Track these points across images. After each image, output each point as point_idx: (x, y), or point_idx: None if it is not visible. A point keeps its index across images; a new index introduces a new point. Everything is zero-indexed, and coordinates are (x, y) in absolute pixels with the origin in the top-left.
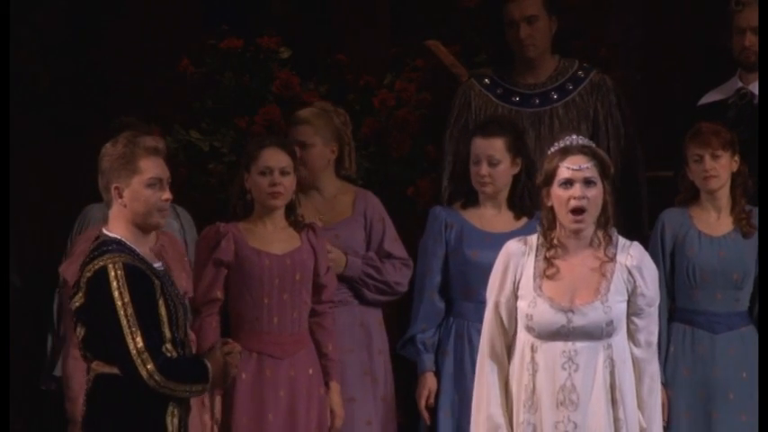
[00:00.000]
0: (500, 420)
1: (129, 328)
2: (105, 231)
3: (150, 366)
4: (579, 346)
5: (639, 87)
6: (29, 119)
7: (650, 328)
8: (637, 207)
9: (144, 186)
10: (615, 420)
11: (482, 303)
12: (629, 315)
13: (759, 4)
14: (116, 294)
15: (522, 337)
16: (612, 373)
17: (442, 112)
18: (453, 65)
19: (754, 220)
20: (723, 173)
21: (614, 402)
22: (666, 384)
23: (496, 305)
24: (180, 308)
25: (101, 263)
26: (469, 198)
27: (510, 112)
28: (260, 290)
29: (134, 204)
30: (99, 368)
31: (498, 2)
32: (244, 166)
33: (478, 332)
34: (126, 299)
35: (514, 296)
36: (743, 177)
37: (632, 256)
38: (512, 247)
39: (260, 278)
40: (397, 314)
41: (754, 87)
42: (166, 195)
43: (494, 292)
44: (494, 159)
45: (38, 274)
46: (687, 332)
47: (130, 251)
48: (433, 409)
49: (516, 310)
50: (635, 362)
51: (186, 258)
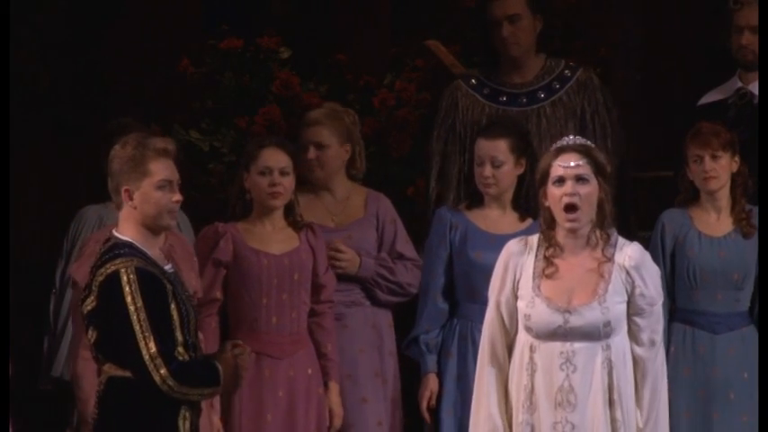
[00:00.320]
0: (498, 421)
1: (143, 333)
2: (116, 233)
3: (163, 371)
4: (577, 346)
5: (639, 87)
6: (29, 119)
7: (653, 327)
8: (624, 207)
9: (154, 188)
10: (613, 421)
11: (486, 304)
12: (630, 315)
13: (759, 3)
14: (129, 299)
15: (522, 338)
16: (611, 374)
17: None
18: (453, 65)
19: (754, 220)
20: (723, 173)
21: (612, 403)
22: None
23: (497, 305)
24: (191, 310)
25: (113, 267)
26: (474, 199)
27: (497, 111)
28: (258, 290)
29: (144, 207)
30: (111, 371)
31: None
32: (243, 166)
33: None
34: (139, 304)
35: (514, 296)
36: (743, 178)
37: (630, 256)
38: (512, 246)
39: (258, 278)
40: (404, 315)
41: (754, 87)
42: (177, 197)
43: (494, 291)
44: (497, 161)
45: (38, 274)
46: (687, 332)
47: (142, 254)
48: (435, 410)
49: (516, 309)
50: (638, 361)
51: (195, 258)
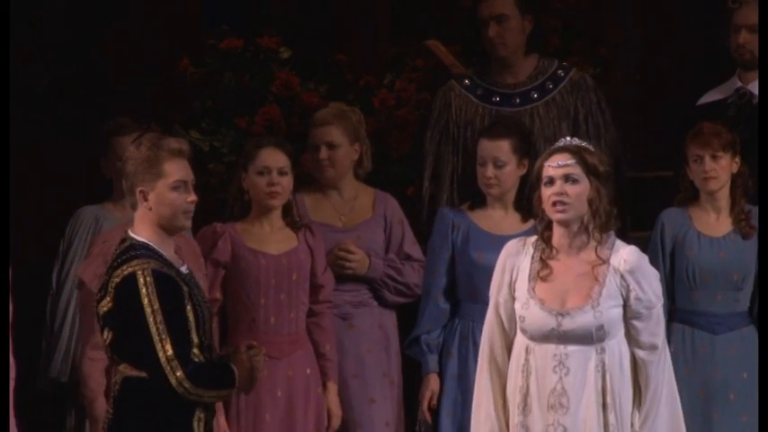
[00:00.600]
0: (496, 422)
1: (159, 335)
2: (132, 234)
3: (179, 374)
4: (570, 349)
5: (639, 87)
6: (29, 119)
7: (652, 330)
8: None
9: (169, 189)
10: (606, 425)
11: (488, 305)
12: (628, 319)
13: (759, 3)
14: (145, 302)
15: (519, 339)
16: (605, 378)
17: None
18: (453, 65)
19: (754, 221)
20: (723, 174)
21: (605, 406)
22: None
23: (496, 306)
24: (206, 312)
25: (129, 269)
26: (477, 199)
27: (491, 112)
28: (256, 290)
29: (160, 208)
30: (126, 371)
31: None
32: (241, 167)
33: None
34: (155, 306)
35: (512, 297)
36: (743, 179)
37: (626, 260)
38: (510, 247)
39: (256, 278)
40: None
41: (753, 87)
42: (192, 197)
43: (494, 292)
44: (499, 161)
45: (37, 274)
46: (687, 333)
47: (158, 256)
48: (435, 410)
49: (514, 310)
50: (640, 365)
51: (201, 259)
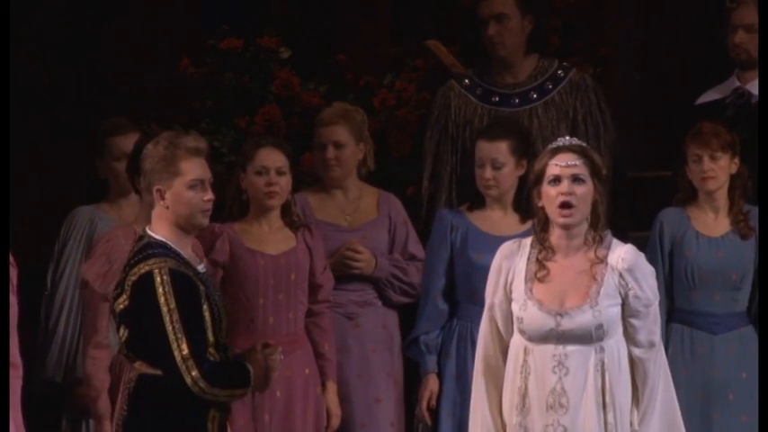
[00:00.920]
0: (492, 423)
1: (175, 334)
2: (149, 232)
3: (195, 373)
4: (570, 349)
5: (639, 87)
6: (29, 119)
7: (650, 328)
8: (619, 208)
9: (186, 188)
10: (605, 424)
11: None
12: (626, 317)
13: (759, 3)
14: (162, 300)
15: (517, 340)
16: (604, 377)
17: None
18: (453, 65)
19: (752, 222)
20: (721, 174)
21: (605, 406)
22: None
23: (491, 307)
24: (222, 311)
25: (146, 267)
26: (476, 200)
27: (490, 112)
28: (255, 290)
29: (176, 206)
30: (142, 368)
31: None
32: (240, 166)
33: None
34: (172, 305)
35: (507, 299)
36: (742, 180)
37: (624, 258)
38: (505, 249)
39: (255, 278)
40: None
41: (752, 87)
42: (209, 196)
43: (489, 294)
44: (497, 162)
45: (38, 274)
46: (686, 333)
47: (175, 254)
48: (434, 411)
49: (511, 312)
50: (637, 363)
51: (205, 259)
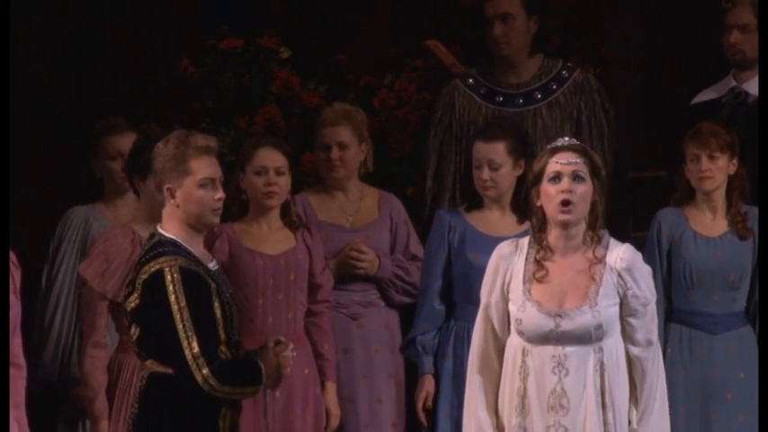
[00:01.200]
0: (485, 422)
1: (185, 332)
2: (161, 230)
3: (205, 371)
4: (569, 350)
5: (639, 87)
6: (29, 119)
7: (648, 326)
8: (621, 208)
9: (196, 187)
10: (605, 424)
11: None
12: (624, 317)
13: (759, 3)
14: (172, 299)
15: (514, 341)
16: (603, 377)
17: None
18: (453, 65)
19: (750, 223)
20: (719, 174)
21: (604, 406)
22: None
23: (486, 307)
24: (234, 308)
25: (157, 266)
26: (474, 201)
27: (494, 112)
28: (254, 290)
29: (187, 205)
30: (153, 367)
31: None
32: (239, 166)
33: None
34: (182, 303)
35: (504, 299)
36: (740, 181)
37: (622, 258)
38: (502, 249)
39: (254, 278)
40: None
41: (748, 86)
42: (219, 195)
43: (484, 294)
44: (494, 163)
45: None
46: (684, 333)
47: (186, 253)
48: (431, 411)
49: (507, 312)
50: (635, 362)
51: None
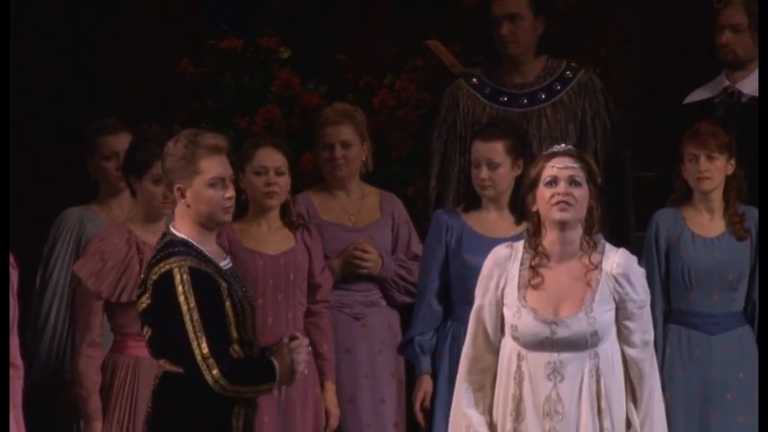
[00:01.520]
0: (475, 420)
1: (195, 333)
2: (172, 230)
3: (215, 372)
4: (564, 356)
5: (639, 87)
6: (29, 119)
7: (644, 328)
8: (624, 208)
9: (206, 186)
10: (601, 430)
11: None
12: (620, 320)
13: (759, 3)
14: (182, 299)
15: (509, 345)
16: (599, 383)
17: None
18: (453, 65)
19: (748, 223)
20: (717, 175)
21: (600, 411)
22: (664, 386)
23: (479, 309)
24: (247, 307)
25: (167, 266)
26: (472, 201)
27: (498, 112)
28: (254, 290)
29: (197, 205)
30: (166, 366)
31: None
32: (239, 166)
33: None
34: (192, 304)
35: (498, 302)
36: (738, 181)
37: (618, 263)
38: (498, 252)
39: (254, 278)
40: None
41: (741, 86)
42: (229, 193)
43: (478, 295)
44: (493, 163)
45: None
46: (683, 334)
47: (197, 252)
48: (429, 412)
49: (500, 315)
50: (632, 363)
51: None
